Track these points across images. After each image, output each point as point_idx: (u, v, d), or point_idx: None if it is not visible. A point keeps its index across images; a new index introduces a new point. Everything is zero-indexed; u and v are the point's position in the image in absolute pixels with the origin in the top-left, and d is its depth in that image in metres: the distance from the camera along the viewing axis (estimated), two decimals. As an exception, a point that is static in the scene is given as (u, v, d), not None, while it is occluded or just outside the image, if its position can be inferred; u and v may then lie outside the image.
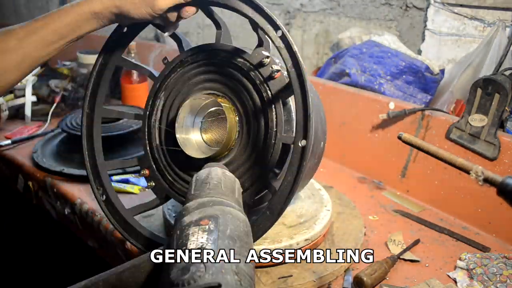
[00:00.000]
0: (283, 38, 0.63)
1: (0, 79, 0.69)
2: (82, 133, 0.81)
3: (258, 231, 0.65)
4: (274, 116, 0.69)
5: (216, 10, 0.75)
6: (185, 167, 0.76)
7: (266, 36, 0.66)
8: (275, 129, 0.68)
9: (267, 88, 0.69)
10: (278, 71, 0.67)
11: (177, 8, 0.69)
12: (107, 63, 0.80)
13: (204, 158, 0.72)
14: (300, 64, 0.62)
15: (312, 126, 0.61)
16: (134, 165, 0.83)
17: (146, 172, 0.79)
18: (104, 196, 0.79)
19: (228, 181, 0.57)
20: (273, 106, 0.69)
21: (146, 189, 0.80)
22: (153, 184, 0.79)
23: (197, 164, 0.74)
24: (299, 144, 0.62)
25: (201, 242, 0.42)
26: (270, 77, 0.68)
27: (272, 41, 0.64)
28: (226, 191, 0.54)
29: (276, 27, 0.63)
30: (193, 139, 0.75)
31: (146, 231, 0.77)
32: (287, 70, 0.63)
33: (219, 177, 0.57)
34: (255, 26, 0.66)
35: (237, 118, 0.72)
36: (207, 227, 0.44)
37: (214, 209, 0.48)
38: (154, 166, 0.79)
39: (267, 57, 0.68)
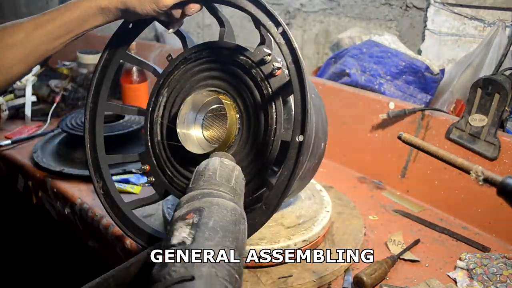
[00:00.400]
0: (284, 34, 0.63)
1: (7, 72, 0.70)
2: (84, 126, 0.82)
3: (253, 225, 0.64)
4: (274, 113, 0.69)
5: (218, 8, 0.75)
6: (184, 163, 0.77)
7: (267, 33, 0.66)
8: (274, 126, 0.69)
9: (268, 85, 0.69)
10: (279, 68, 0.67)
11: (182, 5, 0.69)
12: (111, 58, 0.80)
13: (204, 154, 0.72)
14: (300, 60, 0.62)
15: (311, 121, 0.61)
16: (135, 160, 0.84)
17: (147, 167, 0.80)
18: (103, 190, 0.80)
19: (224, 170, 0.58)
20: (273, 103, 0.69)
21: (146, 185, 0.80)
22: (153, 179, 0.80)
23: (197, 160, 0.75)
24: (297, 139, 0.62)
25: (183, 237, 0.44)
26: (271, 75, 0.69)
27: (273, 38, 0.64)
28: (220, 181, 0.56)
29: (277, 24, 0.64)
30: (193, 135, 0.76)
31: (144, 225, 0.77)
32: (287, 66, 0.64)
33: (215, 167, 0.58)
34: (257, 23, 0.66)
35: (238, 115, 0.72)
36: (191, 220, 0.46)
37: (201, 202, 0.50)
38: (154, 161, 0.80)
39: (269, 54, 0.68)
